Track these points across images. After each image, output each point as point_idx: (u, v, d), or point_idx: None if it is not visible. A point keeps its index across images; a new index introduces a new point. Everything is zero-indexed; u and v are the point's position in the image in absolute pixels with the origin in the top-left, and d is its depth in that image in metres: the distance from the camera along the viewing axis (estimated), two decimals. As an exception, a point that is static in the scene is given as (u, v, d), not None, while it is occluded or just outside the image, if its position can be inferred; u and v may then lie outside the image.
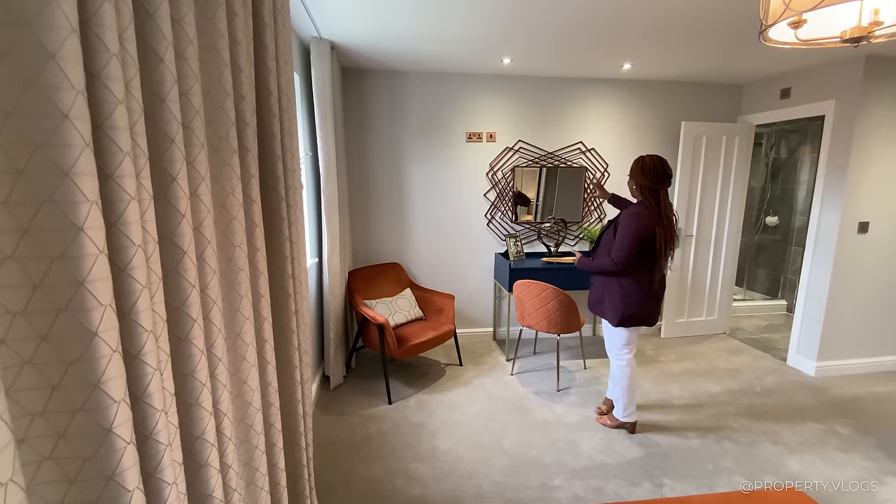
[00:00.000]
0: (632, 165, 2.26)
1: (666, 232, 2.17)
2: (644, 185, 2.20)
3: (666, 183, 2.18)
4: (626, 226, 2.20)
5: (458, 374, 3.23)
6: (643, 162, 2.20)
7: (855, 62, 2.92)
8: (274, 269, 1.34)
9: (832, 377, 3.24)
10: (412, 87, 3.44)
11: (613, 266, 2.24)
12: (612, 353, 2.49)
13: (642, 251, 2.19)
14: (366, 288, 3.24)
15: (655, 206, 2.18)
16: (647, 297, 2.27)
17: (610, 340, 2.47)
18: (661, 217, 2.17)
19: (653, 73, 3.47)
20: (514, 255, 3.58)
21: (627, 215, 2.22)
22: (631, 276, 2.26)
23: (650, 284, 2.25)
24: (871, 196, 3.08)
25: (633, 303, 2.27)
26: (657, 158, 2.19)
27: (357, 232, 3.56)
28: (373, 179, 3.52)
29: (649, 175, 2.17)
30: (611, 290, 2.33)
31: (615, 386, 2.50)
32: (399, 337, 2.90)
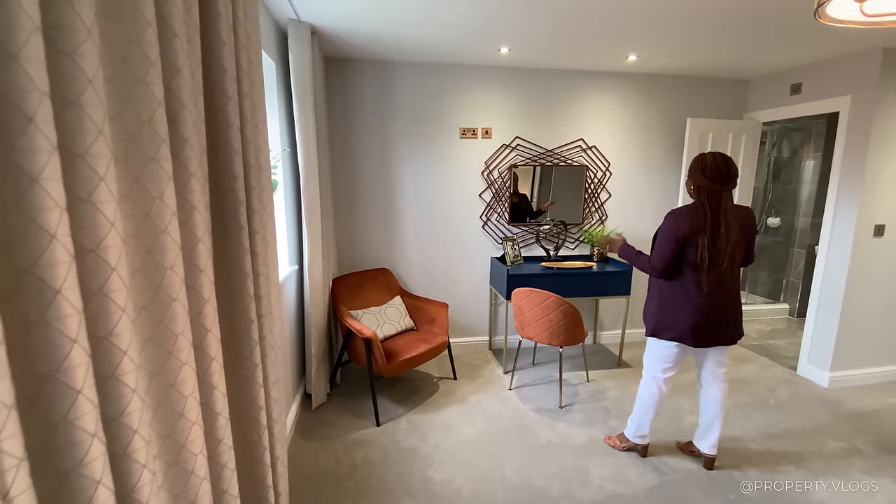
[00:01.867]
0: (690, 166, 1.97)
1: (714, 242, 1.86)
2: (702, 185, 1.88)
3: (729, 184, 1.87)
4: (663, 227, 1.99)
5: (453, 389, 2.98)
6: (703, 160, 1.91)
7: (872, 55, 2.74)
8: (229, 291, 1.08)
9: (846, 388, 3.07)
10: (401, 78, 3.18)
11: (651, 270, 2.05)
12: (644, 366, 2.25)
13: (689, 252, 1.92)
14: (351, 297, 2.97)
15: (712, 210, 1.87)
16: (691, 310, 1.96)
17: (646, 352, 2.23)
18: (713, 224, 1.86)
19: (658, 66, 3.26)
20: (511, 260, 3.35)
21: (667, 215, 1.99)
22: (675, 284, 2.00)
23: (701, 296, 1.94)
24: (888, 197, 2.91)
25: (670, 314, 2.02)
26: (720, 156, 1.89)
27: (342, 235, 3.29)
28: (359, 178, 3.26)
29: (709, 174, 1.86)
30: (651, 298, 2.14)
31: (636, 404, 2.27)
32: (388, 351, 2.64)
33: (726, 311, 2.00)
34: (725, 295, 1.98)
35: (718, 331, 2.01)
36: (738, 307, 2.04)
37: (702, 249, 1.88)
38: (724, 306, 1.99)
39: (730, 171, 1.87)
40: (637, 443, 2.29)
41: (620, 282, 3.26)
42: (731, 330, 2.03)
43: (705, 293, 1.94)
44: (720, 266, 1.89)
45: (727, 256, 1.88)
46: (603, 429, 2.55)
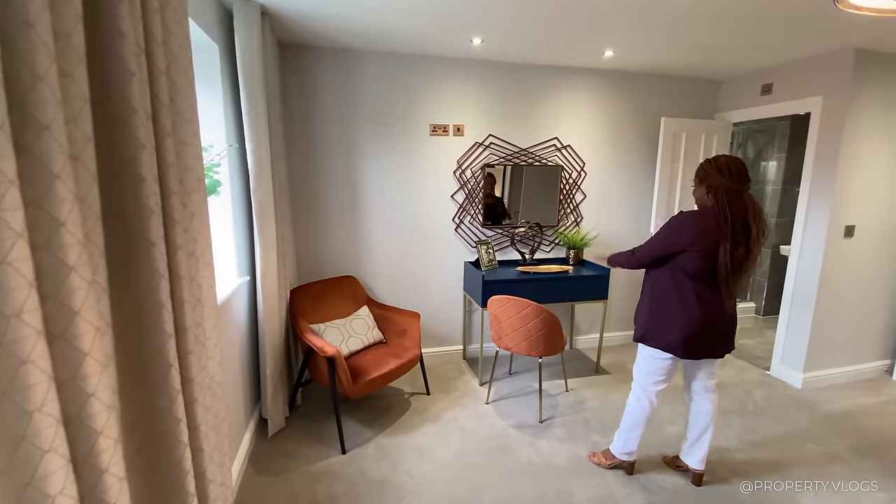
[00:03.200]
0: (700, 170, 1.83)
1: (735, 248, 1.72)
2: (722, 186, 1.74)
3: (747, 184, 1.75)
4: (664, 225, 1.89)
5: (426, 405, 2.76)
6: (717, 161, 1.78)
7: (844, 55, 2.73)
8: (138, 330, 0.82)
9: (819, 388, 3.08)
10: (367, 68, 2.93)
11: (630, 259, 2.01)
12: (634, 378, 2.11)
13: (695, 267, 1.78)
14: (313, 309, 2.70)
15: (733, 213, 1.72)
16: (686, 321, 1.83)
17: (637, 363, 2.09)
18: (734, 228, 1.72)
19: (633, 63, 3.16)
20: (486, 265, 3.16)
21: (672, 217, 1.87)
22: (672, 291, 1.87)
23: (698, 307, 1.81)
24: (858, 198, 2.92)
25: (662, 321, 1.89)
26: (734, 157, 1.78)
27: (301, 241, 3.00)
28: (320, 178, 2.98)
29: (728, 174, 1.73)
30: (643, 300, 2.01)
31: (624, 416, 2.14)
32: (354, 369, 2.39)
33: (723, 325, 1.88)
34: (725, 307, 1.85)
35: (712, 344, 1.89)
36: (735, 320, 1.93)
37: (723, 255, 1.73)
38: (722, 319, 1.86)
39: (746, 171, 1.77)
40: (624, 460, 2.16)
41: (598, 286, 3.14)
42: (724, 344, 1.92)
43: (706, 305, 1.82)
44: (742, 274, 1.77)
45: (746, 265, 1.77)
46: (585, 444, 2.40)
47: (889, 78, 2.81)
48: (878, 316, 3.20)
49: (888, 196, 3.00)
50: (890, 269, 3.14)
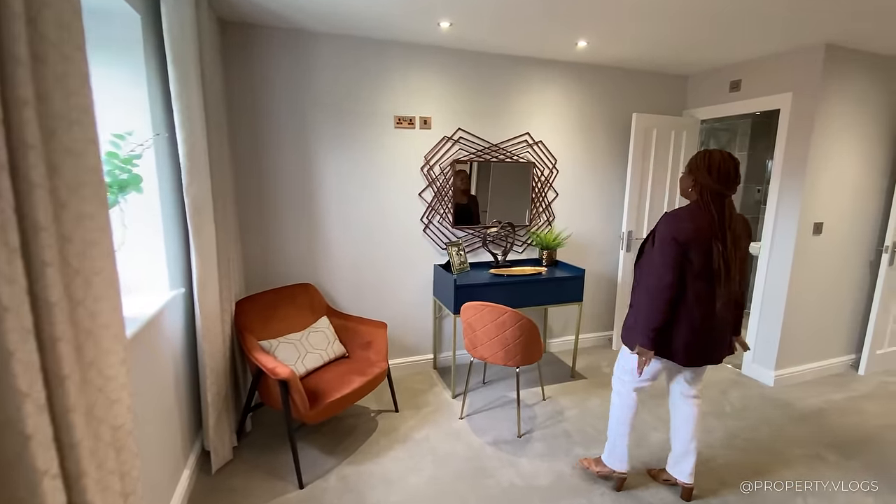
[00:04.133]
0: (694, 161, 1.73)
1: (726, 249, 1.66)
2: (707, 185, 1.67)
3: (733, 188, 1.68)
4: (661, 236, 1.71)
5: (394, 424, 2.51)
6: (710, 157, 1.68)
7: (814, 51, 2.71)
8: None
9: (790, 386, 3.08)
10: (324, 53, 2.64)
11: (660, 290, 1.69)
12: (614, 375, 2.02)
13: (691, 258, 1.68)
14: (263, 322, 2.38)
15: (717, 213, 1.66)
16: (687, 325, 1.72)
17: (618, 362, 2.00)
18: (723, 228, 1.66)
19: (606, 56, 3.04)
20: (457, 268, 2.95)
21: (664, 217, 1.73)
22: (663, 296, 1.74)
23: (697, 309, 1.71)
24: (826, 195, 2.93)
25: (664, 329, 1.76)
26: (728, 155, 1.68)
27: (250, 245, 2.67)
28: (271, 174, 2.66)
29: (716, 175, 1.66)
30: (636, 310, 1.84)
31: (610, 421, 2.03)
32: (312, 391, 2.11)
33: (723, 330, 1.78)
34: (725, 312, 1.74)
35: (711, 350, 1.78)
36: (731, 324, 1.83)
37: (717, 256, 1.64)
38: (723, 323, 1.76)
39: (737, 173, 1.68)
40: (614, 469, 2.00)
41: (573, 288, 3.00)
42: (723, 349, 1.81)
43: (707, 307, 1.70)
44: (734, 276, 1.69)
45: (737, 268, 1.69)
46: (568, 459, 2.24)
47: (859, 75, 2.82)
48: (844, 311, 3.24)
49: (855, 193, 3.04)
50: (855, 265, 3.19)
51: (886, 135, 3.03)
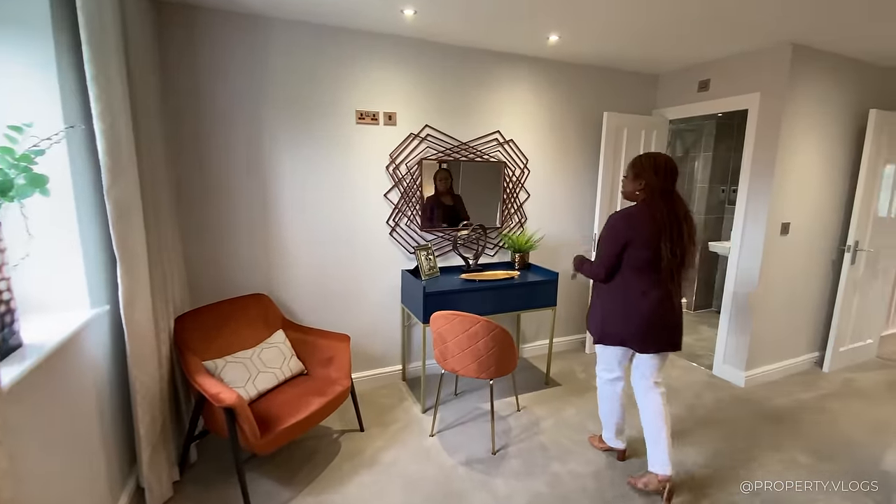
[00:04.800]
0: (638, 163, 1.88)
1: (675, 244, 1.79)
2: (656, 185, 1.82)
3: (675, 184, 1.85)
4: (606, 228, 1.90)
5: (360, 446, 2.31)
6: (656, 160, 1.85)
7: (781, 51, 2.71)
8: None
9: (759, 385, 3.08)
10: (278, 40, 2.40)
11: (594, 275, 1.97)
12: (597, 367, 2.19)
13: (637, 260, 1.84)
14: (208, 340, 2.12)
15: (668, 208, 1.79)
16: (635, 316, 1.88)
17: (598, 353, 2.16)
18: (674, 223, 1.79)
19: (577, 52, 2.94)
20: (426, 273, 2.77)
21: (611, 217, 1.90)
22: (620, 288, 1.92)
23: (643, 302, 1.86)
24: (793, 195, 2.94)
25: (615, 319, 1.94)
26: (667, 156, 1.88)
27: (194, 253, 2.40)
28: (218, 172, 2.40)
29: (663, 174, 1.82)
30: (594, 303, 2.05)
31: (601, 410, 2.22)
32: (264, 416, 1.88)
33: (673, 318, 1.90)
34: (672, 301, 1.88)
35: (664, 337, 1.90)
36: (682, 315, 1.96)
37: (668, 248, 1.78)
38: (671, 312, 1.89)
39: (677, 170, 1.87)
40: (613, 446, 2.24)
41: (547, 292, 2.88)
42: (676, 337, 1.93)
43: (651, 298, 1.85)
44: (684, 268, 1.84)
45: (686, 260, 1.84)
46: (545, 477, 2.10)
47: (823, 75, 2.84)
48: (808, 310, 3.28)
49: (818, 193, 3.07)
50: (818, 264, 3.23)
51: (847, 135, 3.08)
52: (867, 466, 2.22)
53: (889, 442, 2.43)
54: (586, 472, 2.15)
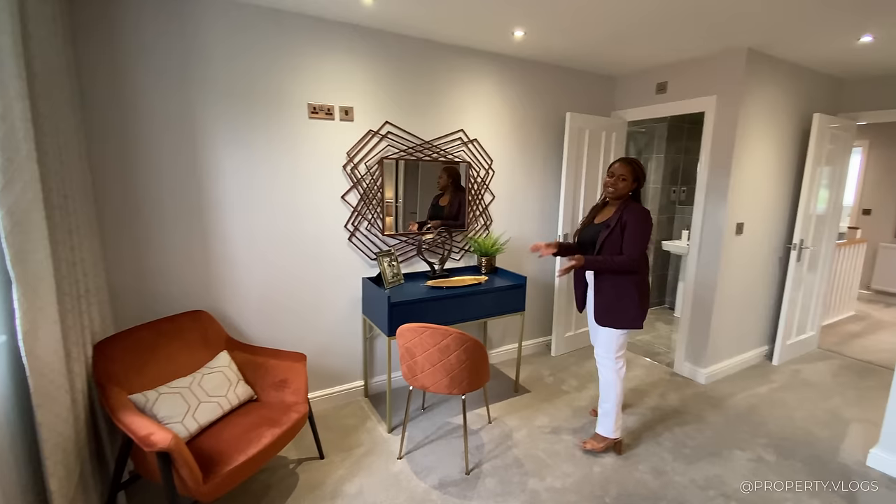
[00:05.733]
0: (634, 167, 2.17)
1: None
2: (639, 186, 2.20)
3: None
4: (640, 221, 2.09)
5: (320, 476, 2.08)
6: (642, 165, 2.21)
7: (737, 55, 2.77)
8: None
9: (718, 381, 3.15)
10: (215, 24, 2.11)
11: (630, 264, 2.08)
12: (608, 358, 2.24)
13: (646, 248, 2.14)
14: (136, 369, 1.81)
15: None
16: (647, 296, 2.20)
17: (608, 345, 2.22)
18: None
19: (541, 48, 2.86)
20: (389, 281, 2.58)
21: (638, 212, 2.11)
22: (642, 275, 2.18)
23: (647, 284, 2.22)
24: (747, 196, 3.03)
25: (643, 302, 2.17)
26: None
27: (119, 267, 2.06)
28: (146, 174, 2.07)
29: (643, 176, 2.21)
30: (625, 292, 2.14)
31: (607, 397, 2.26)
32: (207, 456, 1.62)
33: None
34: None
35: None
36: None
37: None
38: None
39: None
40: (615, 438, 2.28)
41: (515, 297, 2.78)
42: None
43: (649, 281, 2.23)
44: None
45: None
46: (523, 496, 1.99)
47: (773, 80, 2.94)
48: (759, 306, 3.42)
49: (769, 193, 3.19)
50: (767, 262, 3.37)
51: (793, 139, 3.23)
52: (827, 458, 2.29)
53: (842, 432, 2.54)
54: (565, 486, 2.05)
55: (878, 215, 5.63)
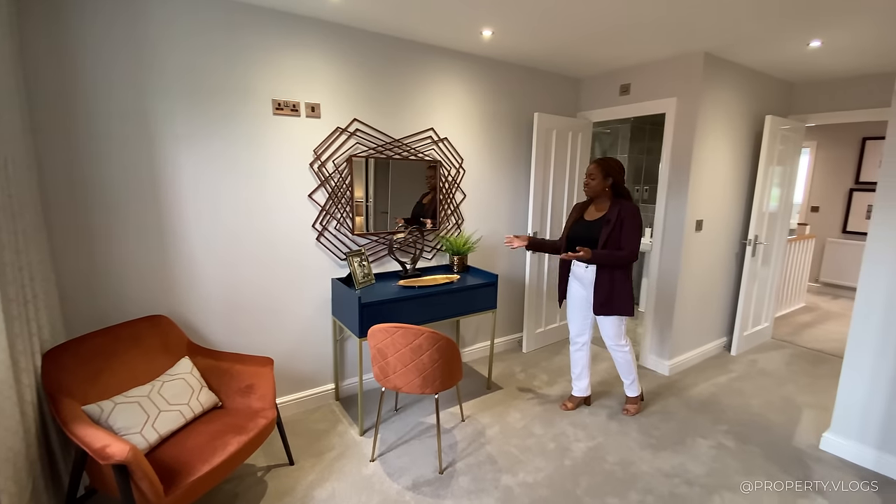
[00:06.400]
0: (609, 166, 2.39)
1: None
2: (616, 181, 2.40)
3: None
4: (634, 217, 2.32)
5: (290, 482, 2.03)
6: (619, 163, 2.39)
7: (694, 59, 2.88)
8: None
9: (680, 372, 3.28)
10: (170, 14, 2.02)
11: (631, 258, 2.32)
12: (619, 344, 2.56)
13: None
14: (90, 378, 1.72)
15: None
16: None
17: (616, 333, 2.52)
18: None
19: (508, 49, 2.89)
20: (360, 282, 2.55)
21: (631, 209, 2.33)
22: (631, 267, 2.42)
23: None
24: (705, 193, 3.16)
25: (630, 293, 2.42)
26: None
27: (69, 271, 1.94)
28: (98, 172, 1.96)
29: (616, 172, 2.39)
30: (622, 284, 2.39)
31: (628, 371, 2.64)
32: (169, 467, 1.55)
33: None
34: None
35: None
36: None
37: None
38: None
39: None
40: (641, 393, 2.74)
41: (487, 295, 2.80)
42: None
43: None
44: None
45: None
46: (497, 493, 2.00)
47: (728, 83, 3.08)
48: (717, 299, 3.57)
49: (725, 191, 3.33)
50: (725, 257, 3.52)
51: (747, 140, 3.39)
52: (782, 443, 2.42)
53: (796, 418, 2.69)
54: (537, 480, 2.08)
55: (826, 212, 5.98)
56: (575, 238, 2.45)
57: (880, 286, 2.16)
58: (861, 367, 2.26)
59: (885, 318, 2.16)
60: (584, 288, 2.51)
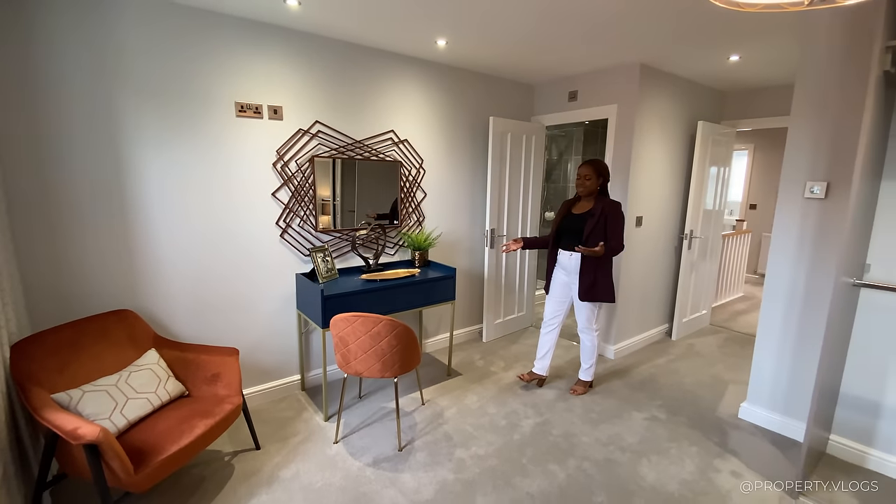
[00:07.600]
0: (598, 167, 2.66)
1: None
2: (605, 181, 2.70)
3: None
4: (618, 212, 2.61)
5: (256, 465, 2.16)
6: (601, 163, 2.67)
7: (632, 69, 3.16)
8: None
9: (625, 356, 3.57)
10: (133, 18, 2.10)
11: (620, 249, 2.62)
12: (590, 329, 2.83)
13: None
14: (59, 369, 1.79)
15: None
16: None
17: (589, 318, 2.79)
18: None
19: (463, 56, 3.09)
20: (324, 276, 2.68)
21: (617, 206, 2.63)
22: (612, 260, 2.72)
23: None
24: (645, 193, 3.46)
25: (611, 281, 2.70)
26: None
27: (34, 266, 1.99)
28: (62, 168, 2.02)
29: (607, 172, 2.70)
30: (605, 273, 2.67)
31: (589, 356, 2.90)
32: (138, 448, 1.65)
33: None
34: None
35: None
36: None
37: None
38: None
39: None
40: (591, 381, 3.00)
41: (446, 287, 2.99)
42: None
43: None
44: None
45: None
46: (450, 465, 2.19)
47: (663, 92, 3.38)
48: (658, 289, 3.90)
49: (663, 190, 3.65)
50: (664, 251, 3.85)
51: (682, 143, 3.72)
52: (707, 414, 2.73)
53: (721, 392, 3.02)
54: (487, 452, 2.29)
55: (763, 209, 6.52)
56: (564, 231, 2.75)
57: (783, 274, 2.48)
58: (769, 346, 2.58)
59: (788, 304, 2.48)
60: (566, 275, 2.79)
